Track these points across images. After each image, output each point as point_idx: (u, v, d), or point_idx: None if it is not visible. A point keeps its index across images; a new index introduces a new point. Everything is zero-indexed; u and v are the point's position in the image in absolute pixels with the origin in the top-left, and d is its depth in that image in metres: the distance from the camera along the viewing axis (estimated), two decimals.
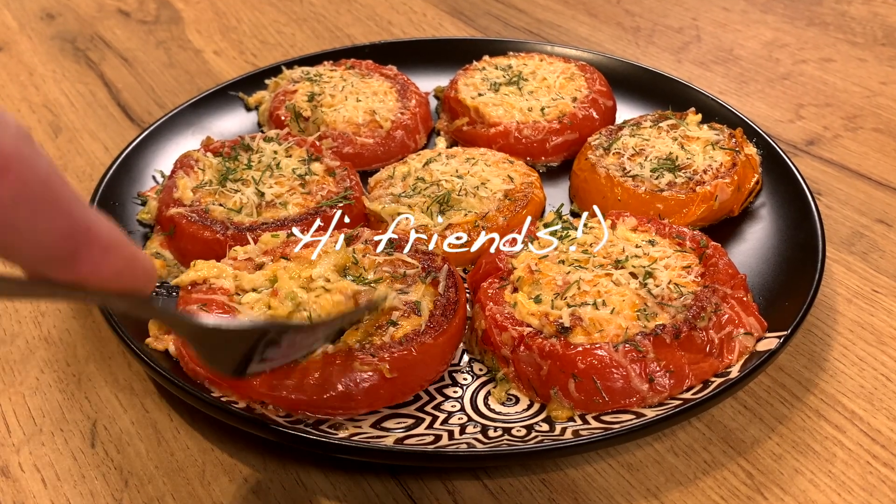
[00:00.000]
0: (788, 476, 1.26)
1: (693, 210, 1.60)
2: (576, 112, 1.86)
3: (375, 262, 1.42)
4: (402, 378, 1.28)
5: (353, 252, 1.43)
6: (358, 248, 1.44)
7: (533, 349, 1.30)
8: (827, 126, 2.04)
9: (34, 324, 1.53)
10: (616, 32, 2.48)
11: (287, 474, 1.28)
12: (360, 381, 1.26)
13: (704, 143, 1.71)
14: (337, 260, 1.40)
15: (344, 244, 1.44)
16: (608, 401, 1.27)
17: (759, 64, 2.30)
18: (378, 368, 1.26)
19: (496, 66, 2.03)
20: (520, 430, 1.26)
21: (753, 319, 1.36)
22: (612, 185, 1.64)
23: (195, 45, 2.46)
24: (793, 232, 1.56)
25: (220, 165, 1.67)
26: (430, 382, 1.35)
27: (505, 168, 1.71)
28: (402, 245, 1.45)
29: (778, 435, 1.32)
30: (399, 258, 1.43)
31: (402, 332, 1.31)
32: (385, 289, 1.36)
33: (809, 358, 1.44)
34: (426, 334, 1.31)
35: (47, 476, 1.29)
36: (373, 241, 1.46)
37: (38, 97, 2.21)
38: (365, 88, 1.95)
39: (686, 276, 1.39)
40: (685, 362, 1.29)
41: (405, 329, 1.31)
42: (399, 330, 1.31)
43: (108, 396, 1.40)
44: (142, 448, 1.32)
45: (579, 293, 1.36)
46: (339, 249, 1.42)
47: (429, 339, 1.30)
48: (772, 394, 1.38)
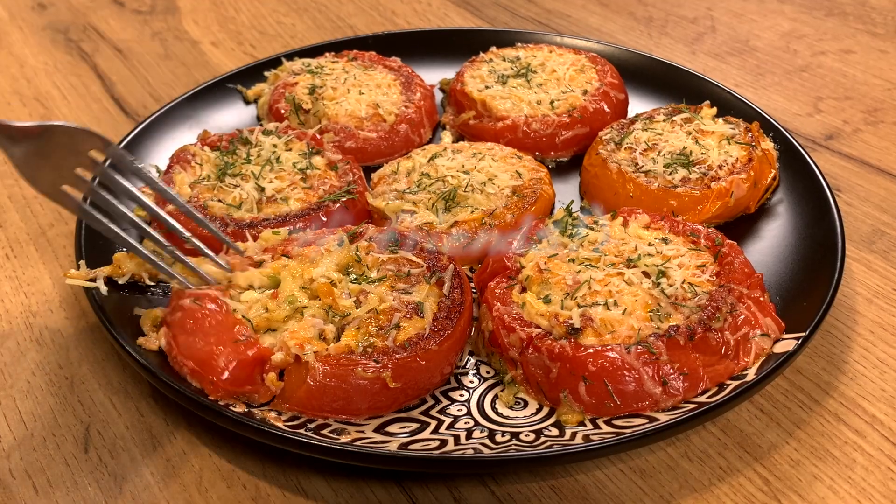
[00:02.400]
0: (807, 483, 1.26)
1: (708, 207, 1.60)
2: (586, 105, 1.86)
3: (379, 260, 1.42)
4: (405, 386, 1.29)
5: (357, 250, 1.43)
6: (361, 246, 1.44)
7: (542, 351, 1.29)
8: (846, 120, 2.03)
9: (25, 325, 1.53)
10: (628, 23, 2.48)
11: (287, 480, 1.28)
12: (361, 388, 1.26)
13: (720, 138, 1.70)
14: (339, 258, 1.40)
15: (347, 242, 1.44)
16: (620, 404, 1.27)
17: (777, 55, 2.30)
18: (381, 377, 1.26)
19: (504, 57, 2.03)
20: (528, 435, 1.26)
21: (770, 320, 1.36)
22: (623, 181, 1.64)
23: (192, 35, 2.46)
24: (811, 230, 1.56)
25: (218, 160, 1.67)
26: (435, 388, 1.35)
27: (513, 163, 1.71)
28: (406, 243, 1.45)
29: (796, 440, 1.32)
30: (404, 257, 1.43)
31: (405, 336, 1.31)
32: None
33: (828, 360, 1.44)
34: (430, 339, 1.31)
35: (39, 482, 1.29)
36: (377, 239, 1.46)
37: (29, 90, 2.21)
38: (368, 81, 1.95)
39: (700, 275, 1.39)
40: (700, 364, 1.29)
41: (408, 332, 1.31)
42: (401, 333, 1.31)
43: (102, 400, 1.40)
44: (137, 453, 1.32)
45: (590, 293, 1.36)
46: (342, 247, 1.42)
47: (433, 346, 1.30)
48: (789, 397, 1.38)
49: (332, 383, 1.26)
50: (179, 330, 1.33)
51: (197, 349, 1.31)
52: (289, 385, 1.29)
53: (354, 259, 1.42)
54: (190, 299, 1.34)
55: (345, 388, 1.26)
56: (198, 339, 1.31)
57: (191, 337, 1.32)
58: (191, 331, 1.32)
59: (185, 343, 1.32)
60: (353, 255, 1.42)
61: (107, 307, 1.40)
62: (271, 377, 1.29)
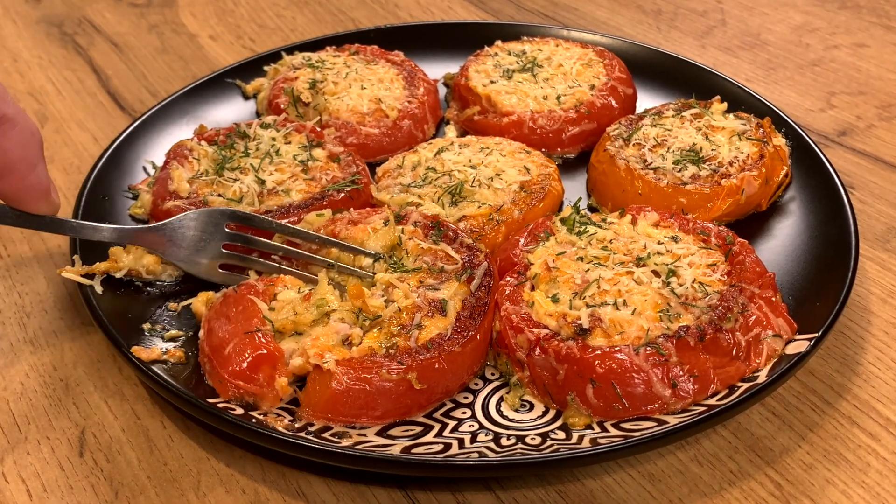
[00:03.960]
0: (819, 487, 1.26)
1: (718, 205, 1.60)
2: (594, 100, 1.85)
3: (419, 247, 1.43)
4: (430, 388, 1.29)
5: (402, 232, 1.44)
6: (407, 230, 1.46)
7: (549, 352, 1.29)
8: (860, 115, 2.03)
9: (19, 325, 1.53)
10: (636, 16, 2.47)
11: (288, 485, 1.28)
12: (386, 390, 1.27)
13: (730, 134, 1.70)
14: (385, 239, 1.41)
15: (394, 222, 1.44)
16: (628, 407, 1.27)
17: (789, 49, 2.30)
18: (406, 378, 1.26)
19: (509, 51, 2.02)
20: (534, 439, 1.26)
21: (782, 321, 1.36)
22: (632, 178, 1.64)
23: (190, 29, 2.46)
24: (824, 228, 1.56)
25: (216, 154, 1.67)
26: (461, 389, 1.35)
27: (521, 158, 1.70)
28: (450, 235, 1.46)
29: (808, 443, 1.32)
30: (443, 250, 1.43)
31: (427, 335, 1.31)
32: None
33: (842, 361, 1.44)
34: (453, 340, 1.31)
35: (33, 487, 1.29)
36: (421, 224, 1.47)
37: (22, 84, 2.21)
38: (370, 75, 1.95)
39: (711, 274, 1.39)
40: (710, 366, 1.28)
41: (430, 331, 1.31)
42: (424, 332, 1.31)
43: (98, 402, 1.40)
44: (133, 457, 1.32)
45: (599, 292, 1.35)
46: (388, 227, 1.43)
47: (456, 347, 1.30)
48: (802, 400, 1.38)
49: (357, 387, 1.26)
50: (213, 314, 1.35)
51: (217, 336, 1.32)
52: (312, 392, 1.28)
53: (397, 241, 1.42)
54: (234, 288, 1.37)
55: (369, 391, 1.26)
56: (222, 324, 1.32)
57: (216, 322, 1.33)
58: (218, 315, 1.34)
59: (210, 328, 1.34)
60: (396, 237, 1.42)
61: (102, 307, 1.40)
62: (282, 381, 1.28)
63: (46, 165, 1.36)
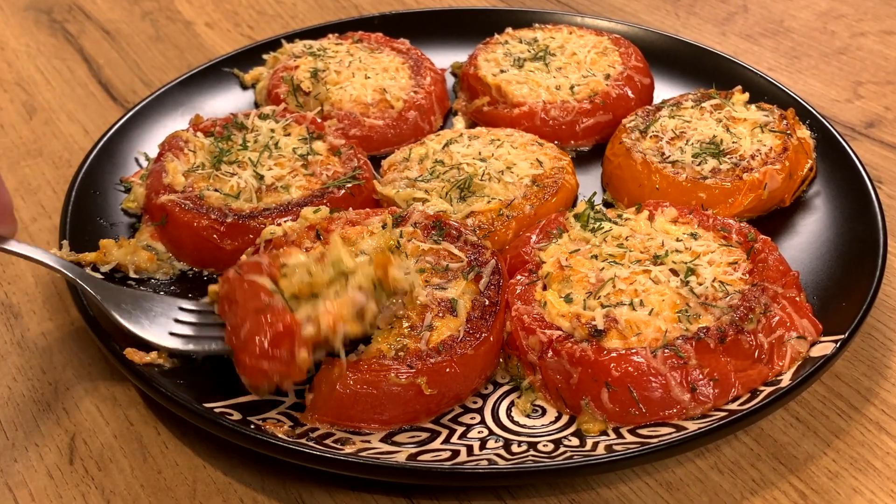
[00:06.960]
0: (846, 496, 1.26)
1: (740, 200, 1.60)
2: (609, 91, 1.85)
3: (420, 248, 1.42)
4: (441, 393, 1.29)
5: (400, 235, 1.43)
6: (406, 232, 1.45)
7: (562, 355, 1.29)
8: (888, 106, 2.03)
9: (6, 326, 1.53)
10: (654, 2, 2.47)
11: (288, 494, 1.28)
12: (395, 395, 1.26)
13: (752, 126, 1.70)
14: (380, 242, 1.40)
15: (391, 225, 1.44)
16: (645, 412, 1.27)
17: (813, 37, 2.30)
18: (416, 383, 1.26)
19: (520, 39, 2.02)
20: (547, 445, 1.26)
21: (807, 322, 1.36)
22: (649, 172, 1.64)
23: (185, 16, 2.46)
24: (851, 224, 1.56)
25: (213, 146, 1.67)
26: (473, 393, 1.35)
27: (534, 151, 1.70)
28: (452, 234, 1.46)
29: (834, 450, 1.32)
30: (446, 249, 1.42)
31: (438, 337, 1.31)
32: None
33: (869, 365, 1.44)
34: (465, 343, 1.31)
35: (20, 496, 1.29)
36: (422, 225, 1.47)
37: (10, 74, 2.21)
38: (374, 64, 1.95)
39: (732, 273, 1.39)
40: (731, 369, 1.28)
41: (441, 333, 1.31)
42: (435, 333, 1.31)
43: (89, 407, 1.40)
44: (126, 465, 1.32)
45: (614, 292, 1.35)
46: (385, 230, 1.42)
47: (469, 350, 1.30)
48: (827, 405, 1.38)
49: (364, 391, 1.26)
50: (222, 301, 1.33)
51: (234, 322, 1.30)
52: (319, 395, 1.29)
53: (395, 244, 1.41)
54: (234, 269, 1.32)
55: (377, 396, 1.26)
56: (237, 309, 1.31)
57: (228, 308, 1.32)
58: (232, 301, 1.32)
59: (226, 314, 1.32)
60: (394, 240, 1.41)
61: (93, 308, 1.39)
62: (302, 354, 1.24)
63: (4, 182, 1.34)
